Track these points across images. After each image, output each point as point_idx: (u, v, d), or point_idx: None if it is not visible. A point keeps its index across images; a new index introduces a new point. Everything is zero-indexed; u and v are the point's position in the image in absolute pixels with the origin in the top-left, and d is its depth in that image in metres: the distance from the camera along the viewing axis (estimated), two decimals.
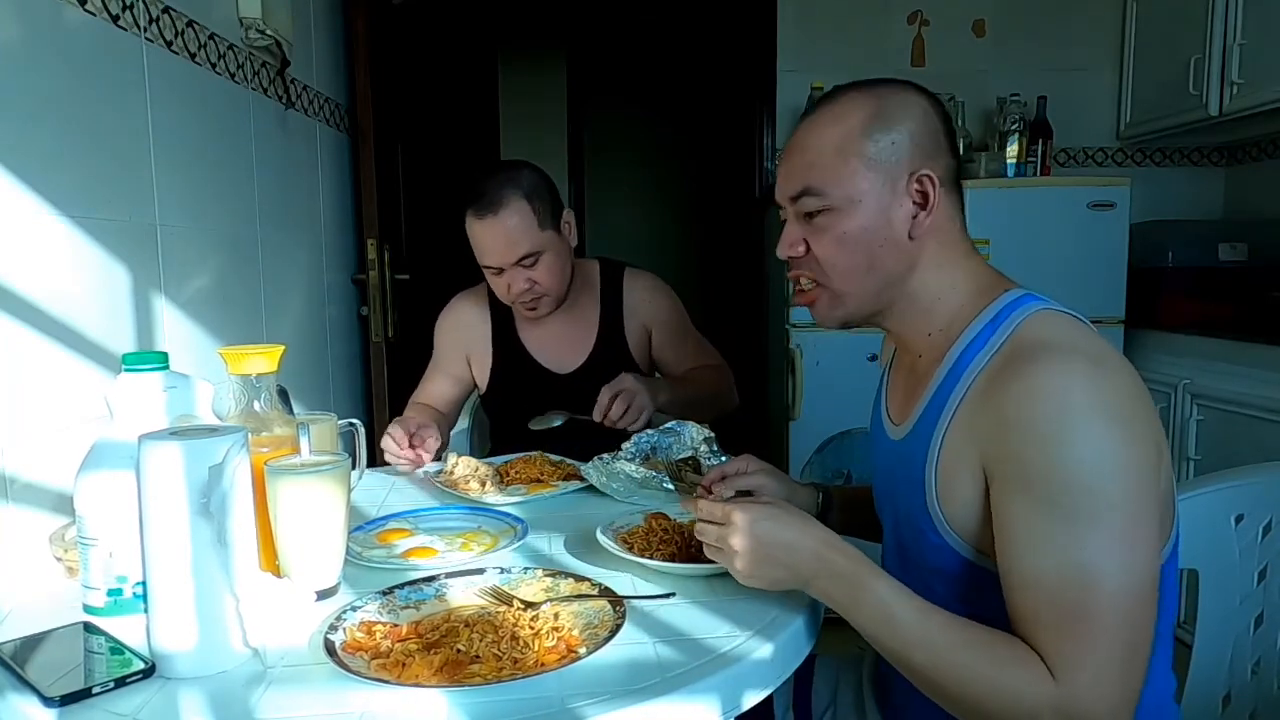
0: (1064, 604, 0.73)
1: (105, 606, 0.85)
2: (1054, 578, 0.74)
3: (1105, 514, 0.73)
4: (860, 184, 0.87)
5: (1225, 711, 1.05)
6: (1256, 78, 2.37)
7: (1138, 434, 0.76)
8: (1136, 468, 0.75)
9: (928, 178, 0.87)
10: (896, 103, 0.89)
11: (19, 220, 1.08)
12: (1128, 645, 0.72)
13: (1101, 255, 2.62)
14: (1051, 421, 0.75)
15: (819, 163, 0.89)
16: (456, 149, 2.89)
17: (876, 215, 0.88)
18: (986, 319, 0.86)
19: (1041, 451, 0.75)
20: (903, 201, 0.88)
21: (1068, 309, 0.87)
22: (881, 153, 0.87)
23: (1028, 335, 0.82)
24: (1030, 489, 0.76)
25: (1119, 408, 0.76)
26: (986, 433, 0.80)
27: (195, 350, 1.50)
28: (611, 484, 1.25)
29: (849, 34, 3.03)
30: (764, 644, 0.79)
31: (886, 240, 0.88)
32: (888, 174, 0.87)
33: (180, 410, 0.89)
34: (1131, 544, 0.73)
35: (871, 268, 0.89)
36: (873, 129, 0.87)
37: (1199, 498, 1.05)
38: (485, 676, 0.71)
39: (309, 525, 0.87)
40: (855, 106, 0.89)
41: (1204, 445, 2.35)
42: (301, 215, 2.06)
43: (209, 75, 1.58)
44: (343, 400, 2.29)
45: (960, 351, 0.87)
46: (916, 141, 0.88)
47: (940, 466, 0.85)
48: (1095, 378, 0.76)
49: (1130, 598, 0.73)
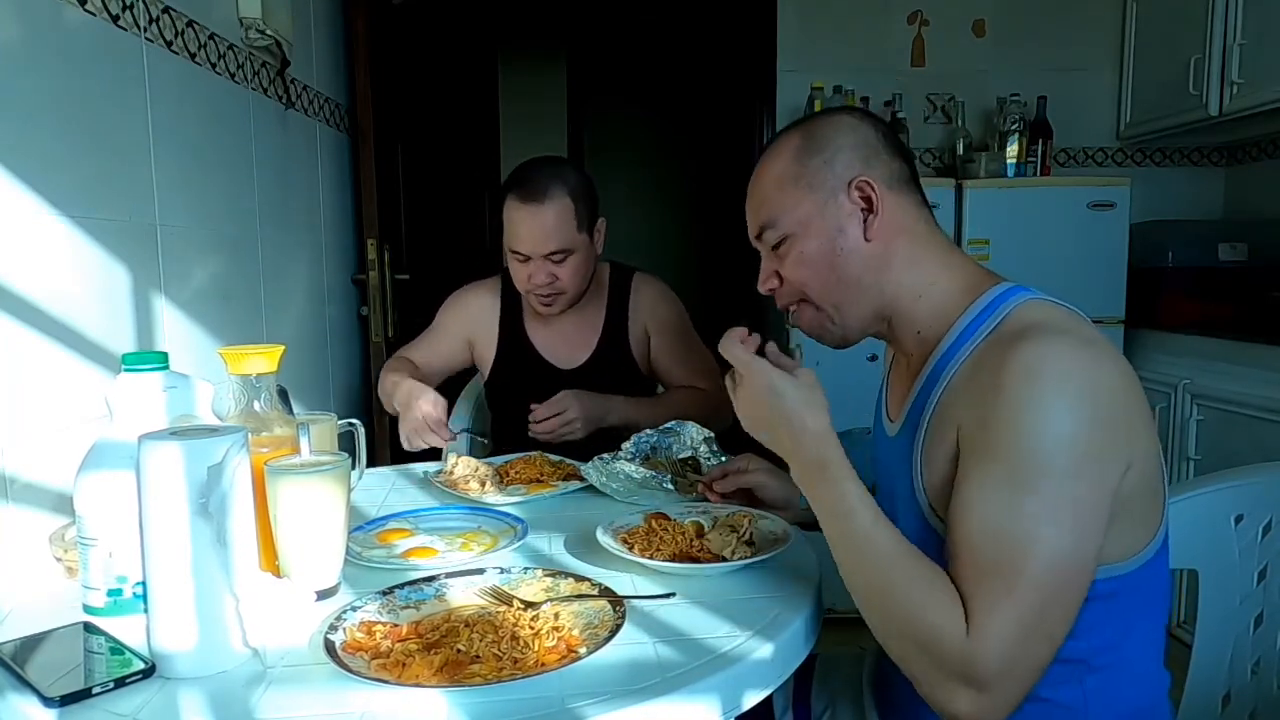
0: (987, 559, 0.75)
1: (105, 606, 0.85)
2: (989, 535, 0.76)
3: (1046, 485, 0.75)
4: (805, 207, 0.94)
5: (1225, 711, 1.05)
6: (1256, 78, 2.37)
7: (1104, 419, 0.77)
8: (1091, 450, 0.76)
9: (865, 183, 0.91)
10: (822, 127, 0.95)
11: (19, 220, 1.08)
12: (1037, 614, 0.74)
13: (1101, 255, 2.63)
14: (1021, 388, 0.76)
15: (767, 199, 0.97)
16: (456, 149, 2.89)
17: (828, 229, 0.93)
18: (975, 312, 0.88)
19: (1004, 415, 0.77)
20: (849, 210, 0.92)
21: (1060, 301, 0.88)
22: (816, 174, 0.93)
23: (1016, 320, 0.84)
24: (985, 450, 0.78)
25: (1092, 389, 0.77)
26: (966, 407, 0.82)
27: (195, 350, 1.50)
28: (611, 484, 1.25)
29: (849, 34, 3.03)
30: (764, 644, 0.79)
31: (845, 249, 0.93)
32: (828, 190, 0.93)
33: (180, 410, 0.89)
34: (1067, 523, 0.75)
35: (841, 278, 0.94)
36: (803, 156, 0.94)
37: (1199, 498, 1.05)
38: (485, 676, 0.71)
39: (309, 525, 0.87)
40: (786, 141, 0.96)
41: (1204, 445, 2.35)
42: (301, 215, 2.06)
43: (209, 75, 1.58)
44: (343, 400, 2.29)
45: (948, 345, 0.89)
46: (848, 155, 0.93)
47: (925, 452, 0.87)
48: (1078, 356, 0.78)
49: (1052, 573, 0.74)
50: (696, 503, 1.17)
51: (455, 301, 1.78)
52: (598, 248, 1.66)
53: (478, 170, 3.11)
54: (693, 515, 1.09)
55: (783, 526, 1.06)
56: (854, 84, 2.90)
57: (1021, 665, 0.74)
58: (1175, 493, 1.05)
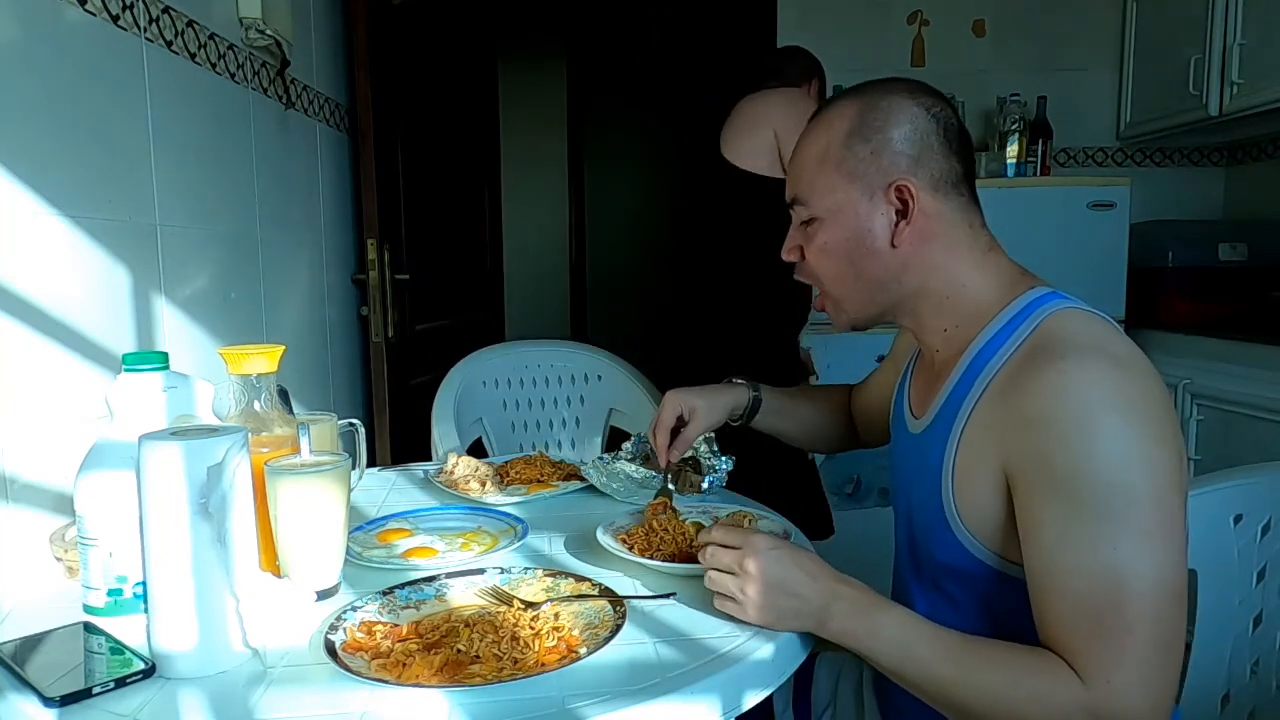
0: (1095, 605, 0.72)
1: (105, 606, 0.85)
2: (1085, 578, 0.73)
3: (1135, 512, 0.72)
4: (839, 195, 0.90)
5: (1224, 711, 1.05)
6: (1256, 78, 2.37)
7: (1161, 437, 0.75)
8: (1164, 466, 0.74)
9: (906, 187, 0.87)
10: (882, 110, 0.89)
11: (19, 220, 1.08)
12: (1161, 645, 0.71)
13: (1101, 255, 2.63)
14: (1074, 419, 0.74)
15: (805, 173, 0.93)
16: (456, 149, 2.89)
17: (856, 226, 0.90)
18: (1007, 317, 0.86)
19: (1066, 450, 0.74)
20: (883, 211, 0.89)
21: (1094, 309, 0.85)
22: (860, 164, 0.89)
23: (1049, 333, 0.81)
24: (1057, 489, 0.75)
25: (1143, 407, 0.75)
26: (1007, 432, 0.79)
27: (195, 350, 1.50)
28: (611, 484, 1.25)
29: (849, 34, 3.03)
30: (764, 644, 0.79)
31: (868, 250, 0.90)
32: (867, 184, 0.89)
33: (180, 410, 0.89)
34: (1163, 542, 0.73)
35: (858, 276, 0.92)
36: (853, 139, 0.89)
37: (1198, 497, 1.05)
38: (485, 677, 0.71)
39: (309, 525, 0.87)
40: (840, 115, 0.91)
41: (1204, 445, 2.36)
42: (301, 215, 2.06)
43: (209, 75, 1.58)
44: (343, 400, 2.29)
45: (980, 348, 0.86)
46: (897, 149, 0.88)
47: (957, 463, 0.85)
48: (1118, 377, 0.75)
49: (1163, 597, 0.72)
50: (697, 503, 1.18)
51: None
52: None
53: (478, 170, 3.11)
54: (693, 515, 1.09)
55: (783, 526, 1.06)
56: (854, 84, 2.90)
57: (1163, 698, 0.72)
58: None
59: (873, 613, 0.80)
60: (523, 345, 2.12)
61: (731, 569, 0.82)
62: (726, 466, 1.24)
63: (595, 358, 2.07)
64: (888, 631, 0.79)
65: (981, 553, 0.85)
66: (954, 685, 0.77)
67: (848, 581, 0.83)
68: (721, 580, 0.83)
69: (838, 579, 0.83)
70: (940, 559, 0.88)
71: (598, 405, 2.05)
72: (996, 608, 0.85)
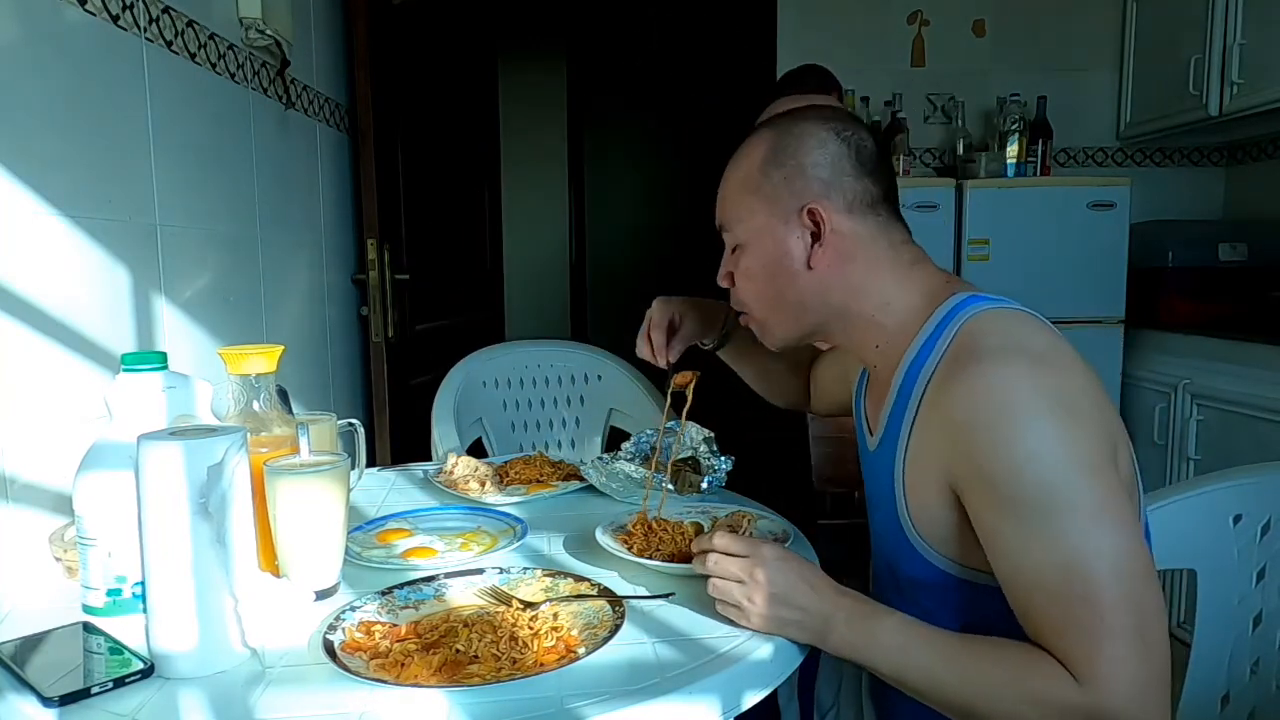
0: (1064, 599, 0.73)
1: (104, 606, 0.85)
2: (1048, 576, 0.73)
3: (1075, 501, 0.73)
4: (758, 220, 0.93)
5: (1224, 711, 1.05)
6: (1256, 78, 2.37)
7: (1085, 424, 0.76)
8: (1091, 453, 0.75)
9: (816, 210, 0.90)
10: (794, 136, 0.92)
11: (19, 220, 1.08)
12: (1139, 627, 0.71)
13: (1101, 255, 2.63)
14: (997, 423, 0.75)
15: (727, 200, 0.97)
16: (456, 149, 2.89)
17: (774, 250, 0.93)
18: (931, 327, 0.87)
19: (995, 454, 0.75)
20: (799, 234, 0.91)
21: (1017, 304, 0.87)
22: (775, 189, 0.92)
23: (968, 338, 0.83)
24: (998, 495, 0.76)
25: (1063, 401, 0.76)
26: (942, 443, 0.81)
27: (195, 350, 1.50)
28: (611, 484, 1.25)
29: (849, 34, 3.03)
30: (764, 644, 0.80)
31: (787, 273, 0.93)
32: (782, 209, 0.92)
33: (179, 410, 0.89)
34: (1111, 524, 0.73)
35: (780, 299, 0.95)
36: (768, 166, 0.92)
37: (1197, 497, 1.05)
38: (484, 677, 0.71)
39: (308, 525, 0.87)
40: (758, 144, 0.94)
41: (1204, 445, 2.35)
42: (301, 215, 2.06)
43: (209, 75, 1.58)
44: (343, 400, 2.29)
45: (910, 361, 0.88)
46: (809, 174, 0.91)
47: (907, 479, 0.86)
48: (1035, 375, 0.77)
49: (1127, 576, 0.72)
50: (697, 503, 1.18)
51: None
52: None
53: (478, 170, 3.11)
54: (692, 515, 1.09)
55: (782, 526, 1.06)
56: (854, 84, 2.90)
57: (1155, 684, 0.72)
58: (1173, 492, 1.05)
59: (870, 622, 0.81)
60: (523, 345, 2.12)
61: (739, 577, 0.82)
62: (726, 466, 1.24)
63: (595, 358, 2.07)
64: (885, 639, 0.80)
65: (944, 563, 0.86)
66: (954, 689, 0.77)
67: (846, 593, 0.83)
68: (726, 588, 0.83)
69: (838, 591, 0.83)
70: (908, 574, 0.88)
71: (598, 405, 2.05)
72: (971, 616, 0.85)
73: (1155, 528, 0.92)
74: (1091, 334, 2.63)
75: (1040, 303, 0.90)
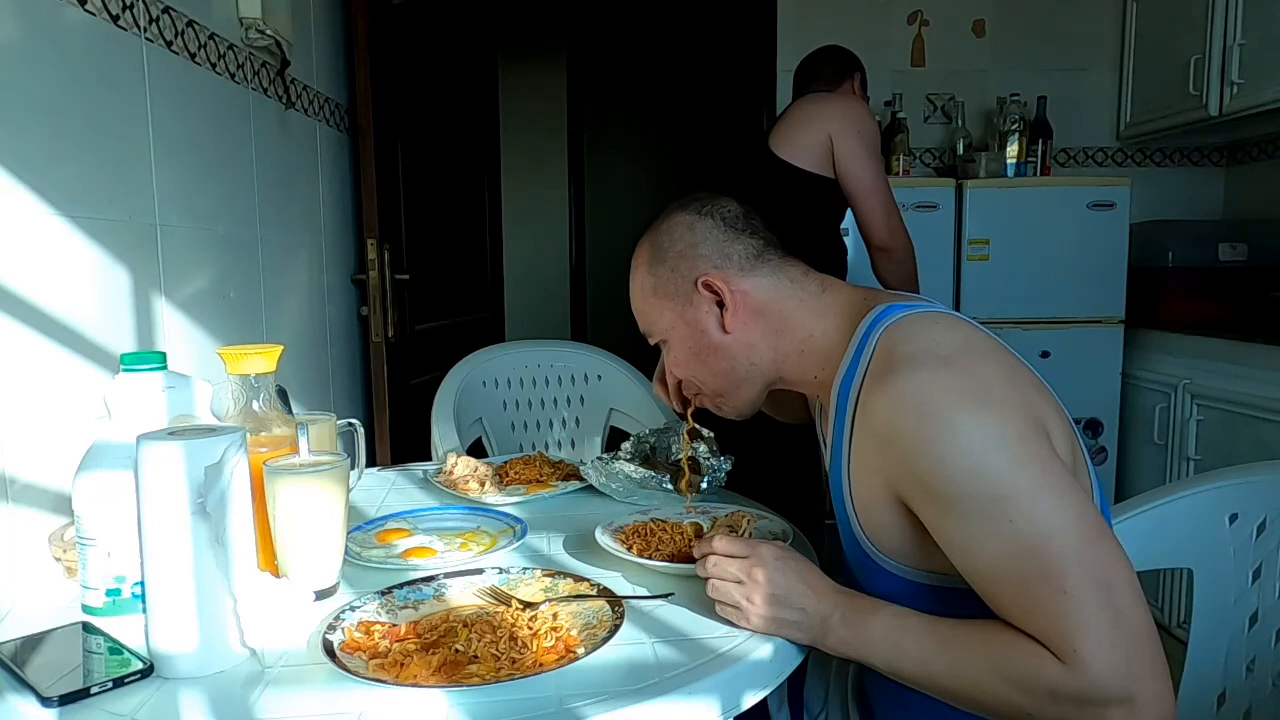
0: (1025, 585, 0.73)
1: (104, 606, 0.85)
2: (1002, 565, 0.74)
3: (1009, 486, 0.73)
4: (667, 315, 1.00)
5: (1220, 710, 1.05)
6: (1256, 78, 2.37)
7: (1001, 409, 0.77)
8: (1013, 436, 0.75)
9: (708, 281, 0.96)
10: (663, 232, 1.00)
11: (19, 220, 1.08)
12: (1103, 591, 0.71)
13: (1101, 255, 2.63)
14: (918, 428, 0.76)
15: (638, 310, 1.04)
16: (456, 149, 2.90)
17: (690, 331, 0.99)
18: (855, 343, 0.90)
19: (923, 459, 0.76)
20: (706, 309, 0.97)
21: (935, 306, 0.89)
22: (666, 283, 0.99)
23: (885, 349, 0.85)
24: (937, 497, 0.77)
25: (977, 394, 0.77)
26: (877, 457, 0.82)
27: (195, 350, 1.50)
28: (611, 484, 1.25)
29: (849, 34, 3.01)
30: (763, 644, 0.80)
31: (711, 346, 0.98)
32: (682, 295, 0.98)
33: (179, 410, 0.89)
34: (1050, 496, 0.73)
35: (713, 372, 1.00)
36: (655, 266, 1.00)
37: (1193, 496, 1.05)
38: (483, 677, 0.71)
39: (308, 525, 0.87)
40: (640, 254, 1.03)
41: (1204, 445, 2.35)
42: (301, 215, 2.06)
43: (209, 75, 1.58)
44: (343, 400, 2.29)
45: (840, 382, 0.90)
46: (689, 255, 0.98)
47: (855, 497, 0.88)
48: (946, 375, 0.78)
49: (1079, 544, 0.72)
50: (697, 503, 1.18)
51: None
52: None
53: (478, 170, 3.11)
54: (691, 516, 1.09)
55: (781, 526, 1.06)
56: None
57: (1138, 646, 0.70)
58: (1170, 492, 1.05)
59: (863, 618, 0.81)
60: (522, 345, 2.12)
61: (739, 578, 0.83)
62: (726, 466, 1.24)
63: (595, 358, 2.07)
64: (878, 634, 0.80)
65: (907, 572, 0.86)
66: (947, 679, 0.77)
67: (842, 591, 0.84)
68: (726, 589, 0.83)
69: (835, 590, 0.84)
70: (873, 586, 0.89)
71: (598, 405, 2.05)
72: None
73: (1152, 527, 0.92)
74: (1091, 334, 2.63)
75: (1040, 303, 0.90)
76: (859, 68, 2.27)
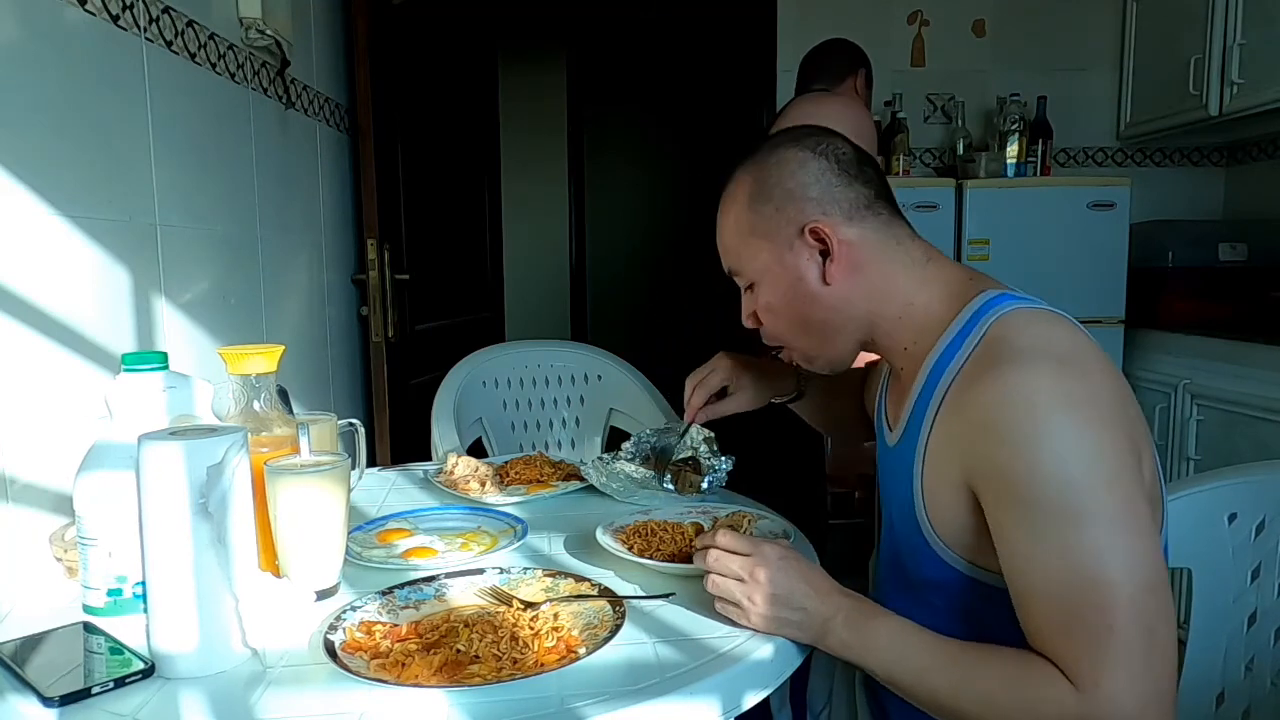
0: (1073, 607, 0.72)
1: (105, 606, 0.85)
2: (1059, 582, 0.72)
3: (1095, 507, 0.72)
4: (763, 257, 0.94)
5: (1219, 710, 1.05)
6: (1256, 78, 2.37)
7: (1110, 429, 0.75)
8: (1116, 456, 0.74)
9: (817, 227, 0.90)
10: (771, 166, 0.93)
11: (19, 220, 1.08)
12: (1147, 639, 0.70)
13: (1101, 255, 2.63)
14: (1021, 425, 0.75)
15: (729, 247, 0.98)
16: (456, 149, 2.90)
17: (788, 278, 0.93)
18: (959, 325, 0.87)
19: (1017, 456, 0.74)
20: (807, 255, 0.91)
21: (1045, 304, 0.86)
22: (768, 222, 0.92)
23: (996, 339, 0.82)
24: (1015, 496, 0.75)
25: (1088, 404, 0.75)
26: (964, 443, 0.80)
27: (195, 350, 1.50)
28: (611, 484, 1.25)
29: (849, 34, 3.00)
30: (764, 644, 0.80)
31: (807, 296, 0.93)
32: (783, 238, 0.92)
33: (180, 410, 0.89)
34: (1129, 532, 0.72)
35: (807, 324, 0.95)
36: (755, 202, 0.93)
37: (1192, 496, 1.05)
38: (485, 677, 0.71)
39: (309, 525, 0.87)
40: (740, 185, 0.95)
41: (1204, 445, 2.35)
42: (301, 215, 2.06)
43: (209, 75, 1.58)
44: (343, 400, 2.29)
45: (935, 360, 0.87)
46: (798, 197, 0.91)
47: (925, 476, 0.86)
48: (1061, 377, 0.76)
49: (1141, 587, 0.71)
50: (697, 503, 1.18)
51: None
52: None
53: (478, 170, 3.11)
54: (692, 516, 1.09)
55: (782, 526, 1.06)
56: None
57: (1158, 691, 0.70)
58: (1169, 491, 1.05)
59: (868, 625, 0.81)
60: (523, 345, 2.12)
61: (740, 575, 0.82)
62: (726, 466, 1.24)
63: (595, 358, 2.07)
64: (880, 642, 0.80)
65: (957, 563, 0.85)
66: (948, 695, 0.77)
67: (846, 593, 0.83)
68: (727, 586, 0.83)
69: (839, 592, 0.83)
70: (921, 571, 0.88)
71: (598, 405, 2.05)
72: (976, 616, 0.85)
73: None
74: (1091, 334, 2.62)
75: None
76: (864, 64, 2.25)
